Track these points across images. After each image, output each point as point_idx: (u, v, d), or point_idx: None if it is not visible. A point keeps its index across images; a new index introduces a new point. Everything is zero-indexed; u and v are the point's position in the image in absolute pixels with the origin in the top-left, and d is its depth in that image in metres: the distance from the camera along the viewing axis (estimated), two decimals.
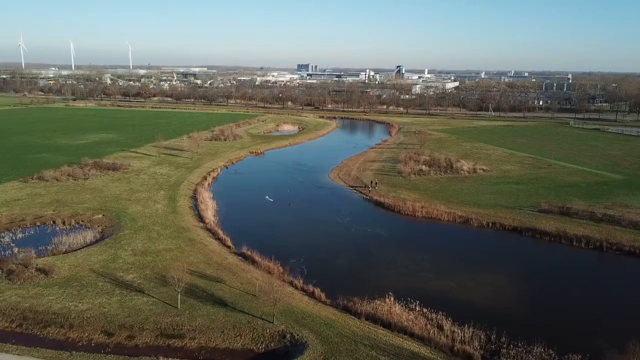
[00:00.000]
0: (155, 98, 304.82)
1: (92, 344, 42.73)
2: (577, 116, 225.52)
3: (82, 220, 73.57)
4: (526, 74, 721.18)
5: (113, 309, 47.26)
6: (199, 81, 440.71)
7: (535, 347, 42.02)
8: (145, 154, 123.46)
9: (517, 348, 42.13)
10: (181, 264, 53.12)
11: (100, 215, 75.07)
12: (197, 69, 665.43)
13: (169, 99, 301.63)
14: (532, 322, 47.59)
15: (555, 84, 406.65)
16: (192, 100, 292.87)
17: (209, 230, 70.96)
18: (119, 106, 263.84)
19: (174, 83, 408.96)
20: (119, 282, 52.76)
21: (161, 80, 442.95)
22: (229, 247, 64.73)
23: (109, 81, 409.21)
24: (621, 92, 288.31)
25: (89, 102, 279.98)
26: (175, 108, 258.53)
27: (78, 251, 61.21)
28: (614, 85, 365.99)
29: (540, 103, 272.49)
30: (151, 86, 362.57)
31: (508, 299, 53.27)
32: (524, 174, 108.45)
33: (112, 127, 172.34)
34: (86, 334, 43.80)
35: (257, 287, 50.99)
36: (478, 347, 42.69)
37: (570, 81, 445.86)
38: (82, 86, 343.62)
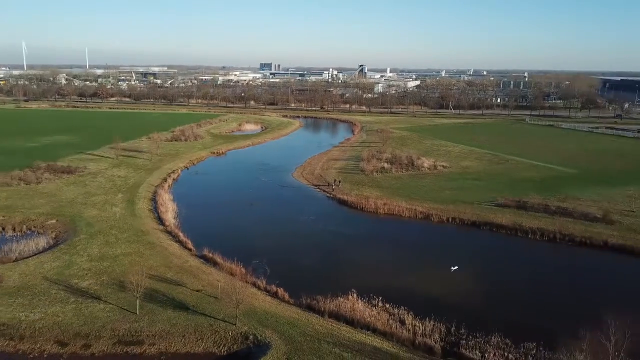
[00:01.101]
0: (113, 98, 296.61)
1: (45, 355, 41.09)
2: (532, 113, 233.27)
3: (34, 226, 70.79)
4: (485, 73, 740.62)
5: (67, 317, 45.60)
6: (158, 81, 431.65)
7: (493, 337, 43.20)
8: (102, 156, 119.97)
9: (476, 339, 43.23)
10: (140, 268, 51.92)
11: (54, 221, 72.39)
12: (156, 69, 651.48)
13: (128, 99, 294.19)
14: (490, 313, 48.89)
15: (512, 82, 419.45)
16: (152, 100, 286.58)
17: (169, 233, 69.56)
18: (75, 107, 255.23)
19: (133, 83, 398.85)
20: (74, 289, 50.98)
21: (119, 80, 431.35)
22: (190, 249, 63.64)
23: (63, 81, 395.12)
24: (574, 90, 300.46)
25: (43, 103, 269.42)
26: (134, 108, 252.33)
27: (29, 259, 58.70)
28: (567, 83, 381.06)
29: (498, 101, 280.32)
30: (109, 86, 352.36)
31: (467, 292, 54.50)
32: (482, 169, 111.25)
33: (67, 129, 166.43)
34: (38, 345, 42.05)
35: (219, 289, 50.33)
36: (438, 340, 43.57)
37: (527, 79, 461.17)
38: (34, 86, 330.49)
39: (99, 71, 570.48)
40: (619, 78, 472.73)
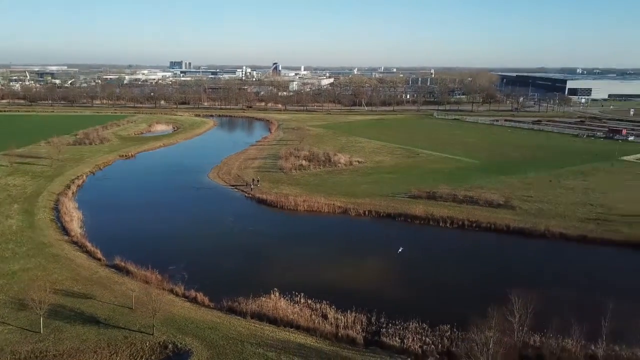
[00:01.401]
0: (5, 100, 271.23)
1: None
2: (440, 108, 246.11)
3: None
4: (394, 70, 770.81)
5: None
6: (57, 81, 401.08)
7: (411, 322, 45.07)
8: None
9: (395, 326, 44.83)
10: (43, 283, 48.06)
11: None
12: (55, 68, 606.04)
13: (22, 101, 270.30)
14: (407, 301, 50.93)
15: (420, 79, 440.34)
16: (51, 102, 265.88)
17: (76, 243, 64.88)
18: None
19: (27, 83, 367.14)
20: None
21: (11, 81, 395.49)
22: (99, 259, 59.83)
23: None
24: (476, 86, 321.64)
25: None
26: (30, 111, 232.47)
27: None
28: (469, 79, 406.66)
29: (408, 97, 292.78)
30: None
31: (386, 281, 56.41)
32: (395, 163, 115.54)
33: None
34: None
35: (133, 299, 47.79)
36: (360, 330, 44.65)
37: (433, 76, 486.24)
38: None
39: None
40: (514, 74, 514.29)
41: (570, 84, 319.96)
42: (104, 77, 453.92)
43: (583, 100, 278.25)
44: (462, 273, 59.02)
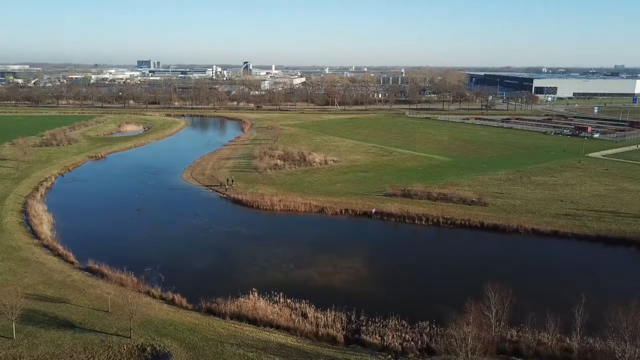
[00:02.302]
0: None
1: None
2: (411, 107, 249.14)
3: None
4: (365, 69, 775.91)
5: None
6: (20, 80, 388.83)
7: (391, 320, 45.41)
8: None
9: (375, 324, 45.11)
10: (13, 288, 46.60)
11: None
12: (16, 67, 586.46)
13: None
14: (386, 298, 51.40)
15: (391, 78, 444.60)
16: (14, 102, 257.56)
17: (47, 246, 63.11)
18: None
19: None
20: None
21: None
22: (72, 262, 58.33)
23: None
24: (446, 84, 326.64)
25: None
26: None
27: None
28: (439, 78, 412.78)
29: (380, 96, 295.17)
30: None
31: (364, 280, 56.77)
32: (369, 162, 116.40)
33: None
34: None
35: (109, 302, 46.80)
36: (340, 329, 44.78)
37: (404, 75, 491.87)
38: None
39: None
40: (482, 73, 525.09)
41: (536, 83, 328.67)
42: (70, 76, 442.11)
43: (549, 99, 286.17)
44: (439, 269, 59.99)
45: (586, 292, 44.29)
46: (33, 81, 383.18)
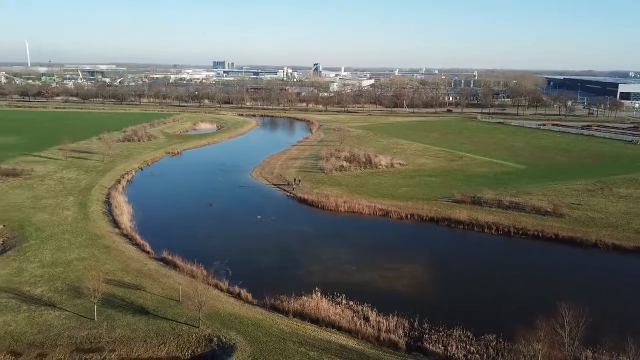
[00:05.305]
0: (59, 98, 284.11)
1: None
2: (483, 111, 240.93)
3: None
4: (436, 71, 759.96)
5: (20, 326, 43.37)
6: (107, 79, 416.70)
7: (455, 330, 44.29)
8: (50, 158, 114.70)
9: (439, 332, 44.17)
10: (96, 273, 49.93)
11: (0, 226, 68.57)
12: (104, 67, 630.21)
13: (75, 98, 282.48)
14: (451, 307, 50.07)
15: (463, 81, 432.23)
16: (101, 99, 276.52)
17: (126, 235, 67.36)
18: (17, 107, 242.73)
19: (80, 81, 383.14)
20: (26, 297, 48.53)
21: (65, 79, 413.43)
22: (148, 252, 61.86)
23: (3, 80, 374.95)
24: (521, 89, 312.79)
25: None
26: (82, 108, 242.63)
27: None
28: (514, 82, 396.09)
29: (450, 99, 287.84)
30: (54, 85, 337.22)
31: (429, 286, 55.70)
32: (437, 166, 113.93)
33: (10, 130, 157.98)
34: None
35: (180, 292, 49.18)
36: (402, 335, 44.23)
37: (476, 78, 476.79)
38: None
39: (42, 69, 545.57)
40: (561, 77, 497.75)
41: (622, 88, 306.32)
42: (151, 76, 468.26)
43: (637, 105, 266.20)
44: (508, 281, 57.67)
45: None
46: (118, 80, 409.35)
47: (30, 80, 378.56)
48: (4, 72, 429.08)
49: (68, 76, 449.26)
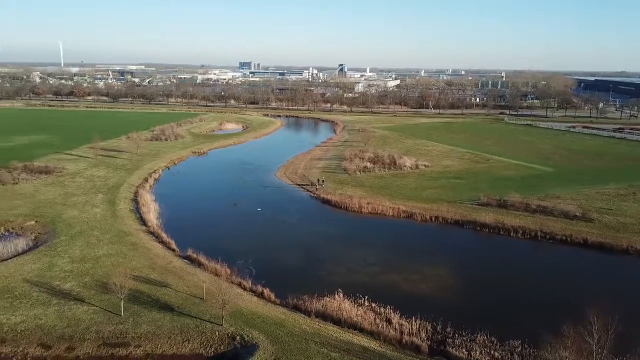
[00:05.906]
0: (90, 97, 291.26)
1: (28, 358, 40.25)
2: (511, 112, 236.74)
3: (13, 228, 69.16)
4: (463, 72, 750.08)
5: (50, 319, 44.69)
6: (136, 79, 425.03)
7: (479, 335, 43.67)
8: (81, 156, 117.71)
9: (462, 337, 43.63)
10: (123, 269, 51.02)
11: (33, 222, 70.76)
12: (134, 67, 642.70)
13: (105, 98, 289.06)
14: (475, 311, 49.42)
15: (490, 82, 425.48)
16: (130, 99, 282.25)
17: (152, 233, 68.62)
18: (50, 106, 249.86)
19: (110, 81, 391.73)
20: (56, 291, 49.97)
21: (96, 79, 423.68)
22: (173, 250, 62.90)
23: (38, 80, 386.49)
24: (550, 90, 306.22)
25: (16, 102, 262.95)
26: (112, 107, 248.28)
27: (9, 260, 57.45)
28: (543, 83, 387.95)
29: (477, 100, 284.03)
30: (85, 85, 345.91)
31: (452, 290, 55.07)
32: (463, 168, 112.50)
33: (43, 128, 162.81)
34: (21, 348, 41.13)
35: (204, 290, 49.86)
36: (425, 338, 43.86)
37: (504, 79, 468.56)
38: (7, 85, 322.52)
39: (75, 69, 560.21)
40: (593, 78, 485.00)
41: None
42: (178, 76, 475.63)
43: None
44: (535, 287, 56.48)
45: None
46: (147, 80, 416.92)
47: (63, 80, 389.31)
48: (38, 72, 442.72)
49: (99, 76, 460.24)
